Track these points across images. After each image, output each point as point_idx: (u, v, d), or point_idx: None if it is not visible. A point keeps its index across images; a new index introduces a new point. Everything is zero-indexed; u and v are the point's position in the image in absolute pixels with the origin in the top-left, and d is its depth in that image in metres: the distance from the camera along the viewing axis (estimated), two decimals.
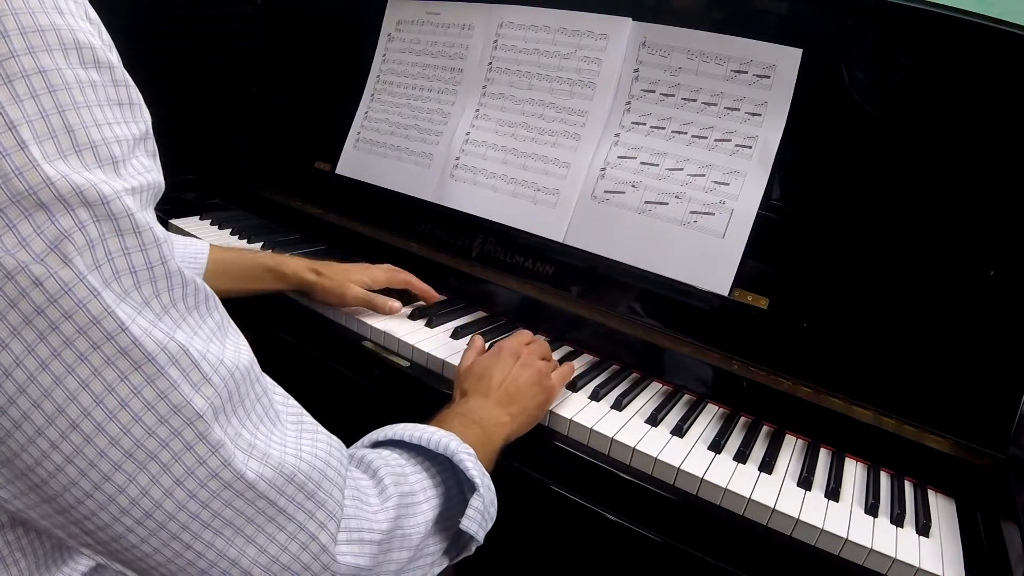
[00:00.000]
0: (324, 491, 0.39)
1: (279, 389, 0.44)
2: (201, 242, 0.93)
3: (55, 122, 0.32)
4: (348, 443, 0.52)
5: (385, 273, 0.98)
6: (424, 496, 0.49)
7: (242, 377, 0.38)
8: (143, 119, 0.38)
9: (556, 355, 0.90)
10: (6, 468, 0.35)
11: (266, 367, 0.43)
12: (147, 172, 0.36)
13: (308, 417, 0.44)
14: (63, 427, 0.33)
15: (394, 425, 0.55)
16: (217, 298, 0.41)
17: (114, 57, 0.37)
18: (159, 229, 0.36)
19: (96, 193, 0.33)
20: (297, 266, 0.96)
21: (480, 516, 0.52)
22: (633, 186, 0.92)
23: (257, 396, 0.39)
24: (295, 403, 0.45)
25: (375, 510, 0.43)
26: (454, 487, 0.54)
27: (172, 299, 0.36)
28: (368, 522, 0.42)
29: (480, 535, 0.52)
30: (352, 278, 0.94)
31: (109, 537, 0.36)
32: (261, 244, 1.19)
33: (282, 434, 0.40)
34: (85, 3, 0.37)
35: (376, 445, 0.54)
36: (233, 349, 0.39)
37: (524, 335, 0.83)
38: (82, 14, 0.36)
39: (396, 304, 0.95)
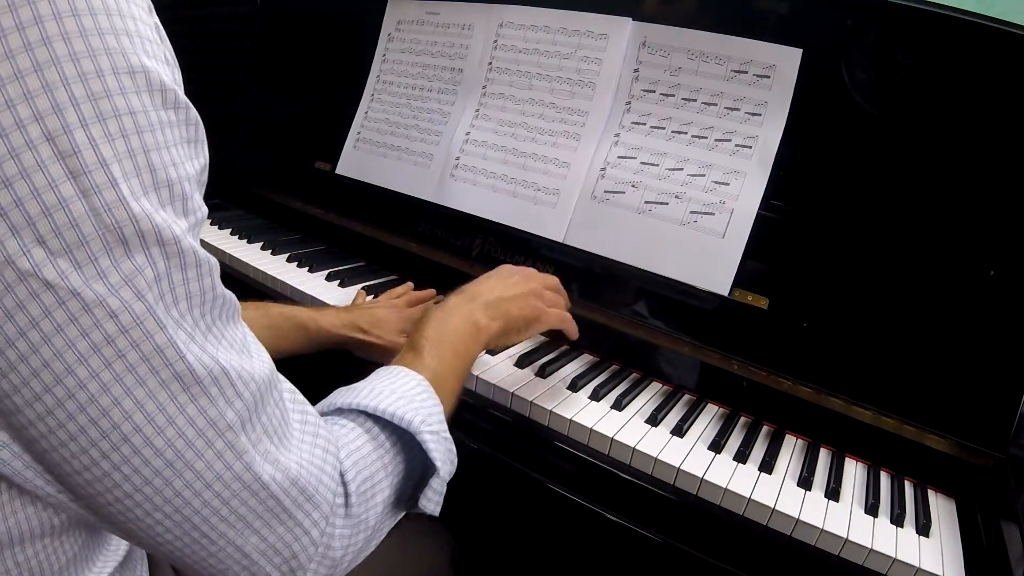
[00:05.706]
0: (320, 495, 0.45)
1: (287, 384, 0.48)
2: None
3: (140, 161, 0.36)
4: None
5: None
6: (384, 473, 0.52)
7: (265, 388, 0.43)
8: (203, 155, 0.42)
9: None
10: (51, 472, 0.38)
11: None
12: (201, 208, 0.41)
13: (311, 414, 0.48)
14: (116, 440, 0.37)
15: (359, 389, 0.55)
16: (239, 307, 0.44)
17: (182, 95, 0.40)
18: (213, 260, 0.40)
19: (170, 234, 0.37)
20: (336, 322, 0.87)
21: (438, 496, 0.55)
22: (633, 186, 0.92)
23: (275, 402, 0.44)
24: (301, 398, 0.49)
25: (341, 516, 0.48)
26: (416, 457, 0.55)
27: (214, 317, 0.41)
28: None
29: (437, 512, 0.55)
30: (400, 329, 0.88)
31: (136, 528, 0.40)
32: (261, 244, 1.19)
33: (289, 439, 0.45)
34: (166, 47, 0.40)
35: (339, 409, 0.54)
36: (259, 360, 0.43)
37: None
38: (163, 56, 0.39)
39: None
